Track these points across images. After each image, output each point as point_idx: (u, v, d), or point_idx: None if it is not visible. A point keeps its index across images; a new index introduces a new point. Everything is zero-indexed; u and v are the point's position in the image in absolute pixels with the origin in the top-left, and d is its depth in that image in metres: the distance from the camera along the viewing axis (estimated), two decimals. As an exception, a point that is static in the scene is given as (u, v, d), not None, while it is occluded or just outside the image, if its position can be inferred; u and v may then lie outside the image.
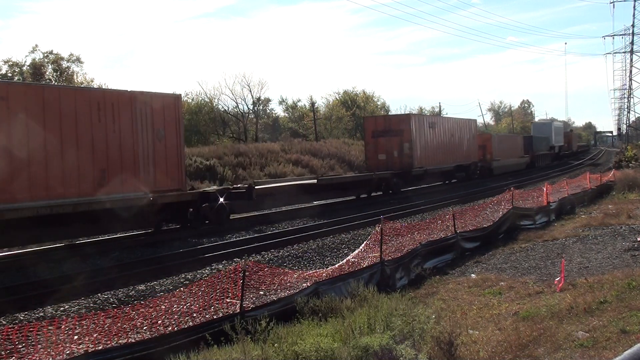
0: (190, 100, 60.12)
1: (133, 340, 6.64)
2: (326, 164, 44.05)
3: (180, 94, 19.43)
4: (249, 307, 7.89)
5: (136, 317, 7.07)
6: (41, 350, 6.10)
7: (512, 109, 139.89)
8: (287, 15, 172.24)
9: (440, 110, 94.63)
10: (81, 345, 6.30)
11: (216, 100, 62.39)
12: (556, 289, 9.37)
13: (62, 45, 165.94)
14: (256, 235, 17.59)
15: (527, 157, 51.92)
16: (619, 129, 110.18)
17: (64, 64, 48.76)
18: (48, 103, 14.47)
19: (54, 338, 6.28)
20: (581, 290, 8.97)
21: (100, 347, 6.35)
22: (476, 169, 39.92)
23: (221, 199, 19.04)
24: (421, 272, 11.44)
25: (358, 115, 68.40)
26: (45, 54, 48.38)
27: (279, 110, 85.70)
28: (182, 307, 7.57)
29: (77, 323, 6.64)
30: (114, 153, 15.96)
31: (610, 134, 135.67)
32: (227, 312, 7.63)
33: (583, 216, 18.69)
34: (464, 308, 8.81)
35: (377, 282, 10.09)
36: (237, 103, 64.99)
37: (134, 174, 16.45)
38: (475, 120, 46.13)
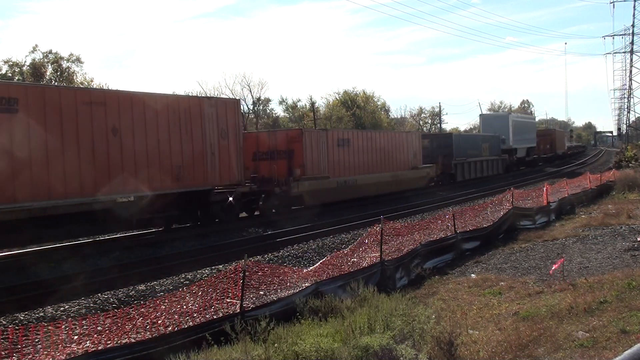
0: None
1: (133, 340, 6.65)
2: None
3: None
4: (249, 307, 7.90)
5: (136, 317, 7.07)
6: (41, 350, 6.10)
7: (512, 109, 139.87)
8: (287, 15, 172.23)
9: (440, 110, 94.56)
10: (81, 345, 6.31)
11: (214, 100, 61.89)
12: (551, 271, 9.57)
13: (62, 45, 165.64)
14: (256, 235, 17.59)
15: (429, 168, 33.85)
16: (619, 129, 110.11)
17: (64, 64, 48.68)
18: None
19: (54, 338, 6.28)
20: (581, 290, 8.97)
21: (100, 347, 6.36)
22: (238, 201, 20.43)
23: None
24: (421, 272, 11.45)
25: (358, 115, 68.33)
26: (45, 54, 48.31)
27: (279, 110, 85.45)
28: (182, 307, 7.57)
29: (77, 323, 6.64)
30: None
31: (610, 134, 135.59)
32: (227, 312, 7.63)
33: (583, 216, 18.69)
34: (464, 308, 8.81)
35: (377, 282, 10.09)
36: (235, 103, 64.56)
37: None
38: (236, 100, 23.09)
